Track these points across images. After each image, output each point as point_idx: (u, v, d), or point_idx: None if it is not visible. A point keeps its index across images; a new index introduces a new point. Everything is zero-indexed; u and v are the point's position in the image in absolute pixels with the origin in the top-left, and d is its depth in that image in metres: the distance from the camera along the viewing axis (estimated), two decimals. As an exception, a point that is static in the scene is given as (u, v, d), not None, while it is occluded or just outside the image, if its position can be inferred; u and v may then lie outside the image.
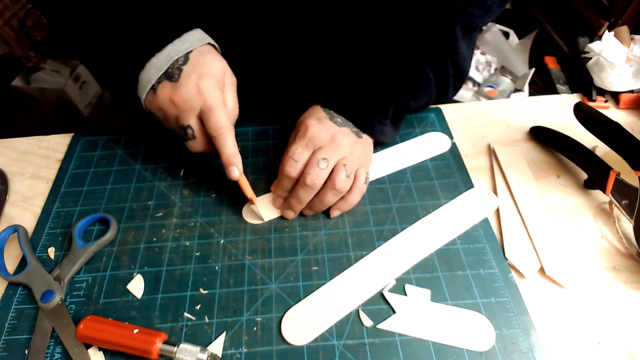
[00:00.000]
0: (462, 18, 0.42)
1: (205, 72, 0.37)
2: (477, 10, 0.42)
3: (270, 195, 0.43)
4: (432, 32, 0.41)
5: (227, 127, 0.37)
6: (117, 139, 0.49)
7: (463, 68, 0.45)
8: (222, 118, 0.37)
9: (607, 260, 0.38)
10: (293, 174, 0.39)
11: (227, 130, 0.37)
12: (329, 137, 0.39)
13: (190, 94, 0.36)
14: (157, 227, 0.41)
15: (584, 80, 0.54)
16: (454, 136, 0.48)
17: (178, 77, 0.36)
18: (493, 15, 0.45)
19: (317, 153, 0.39)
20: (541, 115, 0.51)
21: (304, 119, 0.42)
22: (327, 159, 0.38)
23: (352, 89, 0.42)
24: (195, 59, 0.37)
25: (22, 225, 0.40)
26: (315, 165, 0.38)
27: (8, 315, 0.35)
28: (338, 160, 0.39)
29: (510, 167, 0.44)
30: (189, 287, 0.36)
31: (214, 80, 0.37)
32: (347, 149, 0.39)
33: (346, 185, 0.39)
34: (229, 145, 0.37)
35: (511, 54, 1.37)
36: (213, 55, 0.39)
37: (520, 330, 0.33)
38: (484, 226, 0.40)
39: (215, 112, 0.36)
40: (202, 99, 0.36)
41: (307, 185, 0.38)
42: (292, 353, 0.32)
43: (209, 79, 0.37)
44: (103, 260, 0.38)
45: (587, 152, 0.42)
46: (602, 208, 0.41)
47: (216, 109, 0.36)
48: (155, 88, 0.37)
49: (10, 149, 0.49)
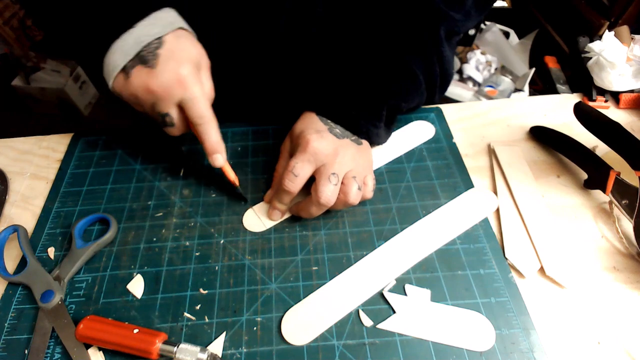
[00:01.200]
0: (446, 22, 0.42)
1: (184, 59, 0.36)
2: (457, 14, 0.43)
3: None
4: (420, 34, 0.42)
5: (209, 116, 0.37)
6: (117, 139, 0.49)
7: (448, 71, 0.46)
8: (204, 107, 0.37)
9: (607, 260, 0.38)
10: (293, 189, 0.38)
11: (210, 119, 0.37)
12: (332, 152, 0.38)
13: (170, 82, 0.35)
14: (157, 227, 0.41)
15: (584, 80, 0.54)
16: (454, 136, 0.48)
17: (154, 62, 0.35)
18: (473, 21, 0.46)
19: (326, 168, 0.38)
20: (541, 115, 0.51)
21: (303, 132, 0.39)
22: (337, 174, 0.38)
23: (345, 93, 0.42)
24: (172, 43, 0.36)
25: (22, 225, 0.40)
26: (327, 182, 0.37)
27: (8, 315, 0.35)
28: (346, 173, 0.38)
29: (510, 167, 0.44)
30: (189, 287, 0.36)
31: (193, 67, 0.36)
32: (351, 161, 0.39)
33: (358, 197, 0.38)
34: (212, 134, 0.38)
35: (511, 53, 1.37)
36: (189, 40, 0.37)
37: (520, 330, 0.33)
38: (484, 226, 0.40)
39: (197, 102, 0.36)
40: (183, 89, 0.35)
41: (322, 204, 0.37)
42: (292, 353, 0.32)
43: (189, 66, 0.36)
44: (103, 260, 0.38)
45: (587, 152, 0.42)
46: (602, 208, 0.41)
47: (199, 99, 0.36)
48: (127, 72, 0.35)
49: (10, 149, 0.49)
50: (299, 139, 0.39)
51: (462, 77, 1.35)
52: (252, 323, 0.34)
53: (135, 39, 0.35)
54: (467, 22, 0.45)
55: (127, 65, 0.35)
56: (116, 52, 0.35)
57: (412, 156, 0.46)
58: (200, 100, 0.36)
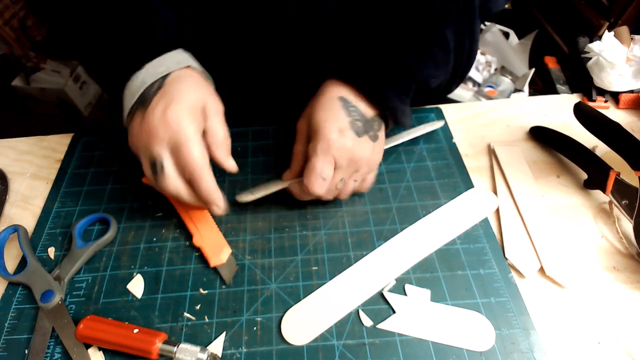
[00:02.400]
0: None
1: (175, 100, 0.33)
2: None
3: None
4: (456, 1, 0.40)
5: (200, 163, 0.33)
6: (117, 139, 0.49)
7: (474, 51, 0.45)
8: (193, 152, 0.33)
9: (607, 260, 0.38)
10: (321, 192, 0.37)
11: (202, 166, 0.33)
12: (350, 155, 0.37)
13: (155, 123, 0.33)
14: (157, 227, 0.41)
15: (584, 80, 0.54)
16: (453, 136, 0.48)
17: (149, 103, 0.34)
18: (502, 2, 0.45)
19: (337, 173, 0.37)
20: (541, 115, 0.51)
21: (325, 126, 0.37)
22: (344, 179, 0.38)
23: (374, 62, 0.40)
24: (170, 85, 0.34)
25: (22, 225, 0.40)
26: (333, 187, 0.38)
27: (8, 315, 0.35)
28: (351, 174, 0.39)
29: (510, 167, 0.44)
30: (189, 287, 0.36)
31: (185, 109, 0.33)
32: (364, 163, 0.39)
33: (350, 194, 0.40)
34: (207, 181, 0.34)
35: (511, 54, 1.37)
36: (191, 81, 0.35)
37: (520, 330, 0.33)
38: (484, 226, 0.40)
39: (185, 147, 0.32)
40: (169, 131, 0.33)
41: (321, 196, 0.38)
42: (292, 353, 0.32)
43: (178, 107, 0.33)
44: (103, 260, 0.38)
45: (587, 152, 0.42)
46: (602, 208, 0.41)
47: (186, 143, 0.33)
48: (131, 116, 0.35)
49: (11, 149, 0.49)
50: (320, 133, 0.37)
51: (462, 77, 1.35)
52: (252, 323, 0.34)
53: (141, 79, 0.35)
54: (499, 3, 0.44)
55: (132, 108, 0.35)
56: (126, 95, 0.35)
57: (412, 156, 0.46)
58: (188, 144, 0.33)
